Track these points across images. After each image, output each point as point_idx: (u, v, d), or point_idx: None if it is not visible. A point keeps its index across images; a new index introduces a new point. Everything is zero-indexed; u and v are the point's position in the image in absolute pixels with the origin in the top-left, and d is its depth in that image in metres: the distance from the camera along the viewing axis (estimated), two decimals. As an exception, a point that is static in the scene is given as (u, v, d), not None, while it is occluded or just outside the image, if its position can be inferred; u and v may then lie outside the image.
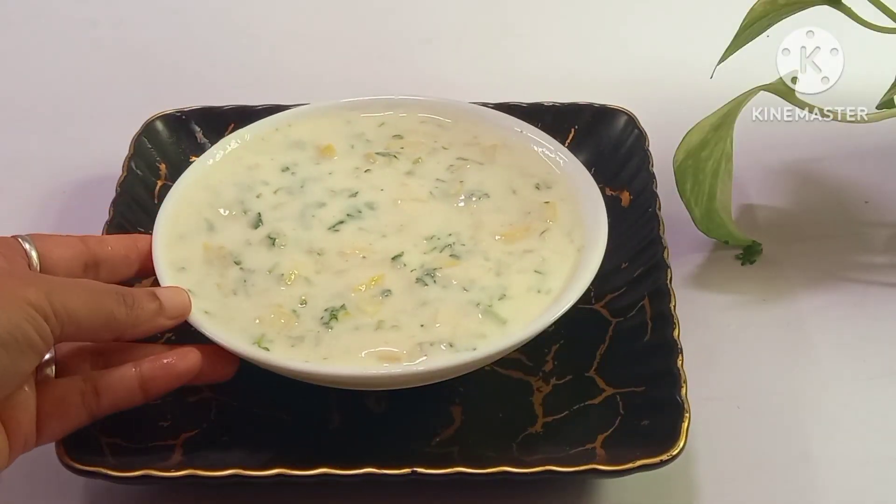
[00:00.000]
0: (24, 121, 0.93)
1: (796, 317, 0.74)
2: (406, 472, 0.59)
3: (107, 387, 0.59)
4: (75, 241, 0.63)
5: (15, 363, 0.54)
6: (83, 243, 0.63)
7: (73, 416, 0.58)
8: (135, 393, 0.59)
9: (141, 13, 1.03)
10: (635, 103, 0.82)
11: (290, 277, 0.66)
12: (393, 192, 0.72)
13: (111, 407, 0.59)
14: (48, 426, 0.58)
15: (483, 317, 0.64)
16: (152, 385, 0.60)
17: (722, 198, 0.75)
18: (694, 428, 0.61)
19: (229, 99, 0.84)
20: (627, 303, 0.69)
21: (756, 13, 0.72)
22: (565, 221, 0.69)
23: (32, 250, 0.60)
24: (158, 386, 0.60)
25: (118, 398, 0.59)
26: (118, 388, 0.59)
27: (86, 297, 0.57)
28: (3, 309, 0.53)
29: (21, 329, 0.53)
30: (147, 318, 0.60)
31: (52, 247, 0.61)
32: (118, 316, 0.58)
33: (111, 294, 0.59)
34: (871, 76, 0.77)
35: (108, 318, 0.58)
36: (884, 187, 0.83)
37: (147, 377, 0.59)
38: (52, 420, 0.58)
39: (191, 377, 0.61)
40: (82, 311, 0.56)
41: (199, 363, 0.60)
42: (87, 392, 0.58)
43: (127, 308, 0.59)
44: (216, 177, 0.72)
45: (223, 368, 0.62)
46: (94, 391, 0.59)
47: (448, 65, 0.97)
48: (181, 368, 0.60)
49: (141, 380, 0.59)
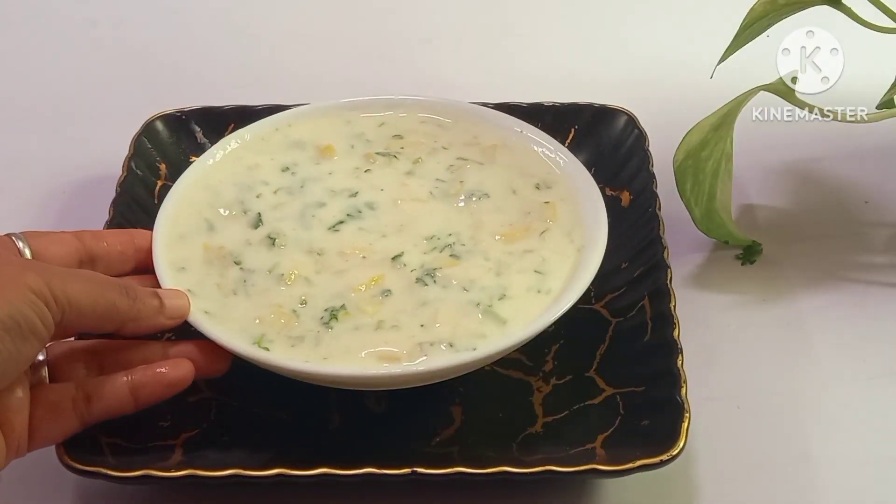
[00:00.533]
0: (24, 121, 0.93)
1: (796, 317, 0.74)
2: (406, 472, 0.59)
3: (98, 394, 0.59)
4: (70, 238, 0.63)
5: (18, 348, 0.53)
6: (78, 239, 0.63)
7: (64, 423, 0.58)
8: (126, 401, 0.59)
9: (141, 13, 1.03)
10: (635, 103, 0.82)
11: (290, 277, 0.66)
12: (393, 192, 0.72)
13: (102, 414, 0.59)
14: (40, 431, 0.58)
15: (483, 317, 0.63)
16: (143, 393, 0.59)
17: (722, 198, 0.75)
18: (694, 428, 0.61)
19: (229, 99, 0.84)
20: (627, 303, 0.69)
21: (756, 13, 0.72)
22: (565, 221, 0.69)
23: (26, 248, 0.60)
24: (150, 394, 0.60)
25: (109, 406, 0.59)
26: (109, 395, 0.59)
27: (87, 286, 0.57)
28: (4, 294, 0.53)
29: (23, 313, 0.53)
30: (148, 314, 0.60)
31: (47, 244, 0.61)
32: (120, 307, 0.58)
33: (114, 285, 0.59)
34: (871, 76, 0.77)
35: (109, 308, 0.58)
36: (884, 187, 0.83)
37: (138, 385, 0.59)
38: (45, 425, 0.58)
39: (183, 387, 0.61)
40: (83, 299, 0.56)
41: (192, 374, 0.60)
42: (78, 399, 0.58)
43: (129, 300, 0.59)
44: (216, 177, 0.72)
45: (216, 364, 0.62)
46: (86, 398, 0.59)
47: (448, 65, 0.97)
48: (172, 378, 0.60)
49: (132, 387, 0.59)
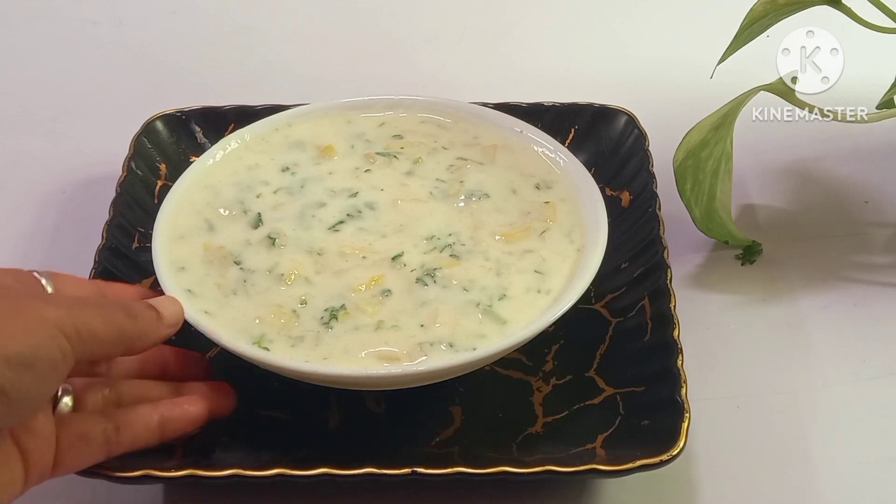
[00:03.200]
0: (24, 120, 0.93)
1: (796, 317, 0.74)
2: (406, 472, 0.59)
3: (128, 425, 0.59)
4: (90, 285, 0.63)
5: (38, 384, 0.53)
6: (97, 287, 0.63)
7: (91, 452, 0.58)
8: (153, 433, 0.59)
9: (141, 13, 1.03)
10: (635, 103, 0.82)
11: (290, 277, 0.66)
12: (393, 192, 0.72)
13: (129, 444, 0.59)
14: (65, 460, 0.57)
15: (483, 317, 0.63)
16: (169, 427, 0.60)
17: (722, 198, 0.75)
18: (694, 428, 0.61)
19: (229, 99, 0.84)
20: (627, 303, 0.69)
21: (756, 13, 0.72)
22: (565, 221, 0.69)
23: (49, 285, 0.60)
24: (174, 429, 0.60)
25: (137, 437, 0.59)
26: (139, 427, 0.59)
27: (100, 313, 0.56)
28: (28, 329, 0.52)
29: (45, 348, 0.53)
30: (149, 328, 0.59)
31: (68, 286, 0.61)
32: (127, 328, 0.58)
33: (118, 307, 0.58)
34: (871, 76, 0.77)
35: (120, 332, 0.57)
36: (884, 187, 0.83)
37: (167, 419, 0.60)
38: (71, 453, 0.57)
39: (201, 424, 0.61)
40: (99, 327, 0.56)
41: (208, 408, 0.61)
42: (108, 429, 0.58)
43: (132, 319, 0.58)
44: (216, 177, 0.72)
45: (225, 401, 0.62)
46: (116, 428, 0.59)
47: (448, 65, 0.97)
48: (194, 414, 0.61)
49: (161, 421, 0.60)
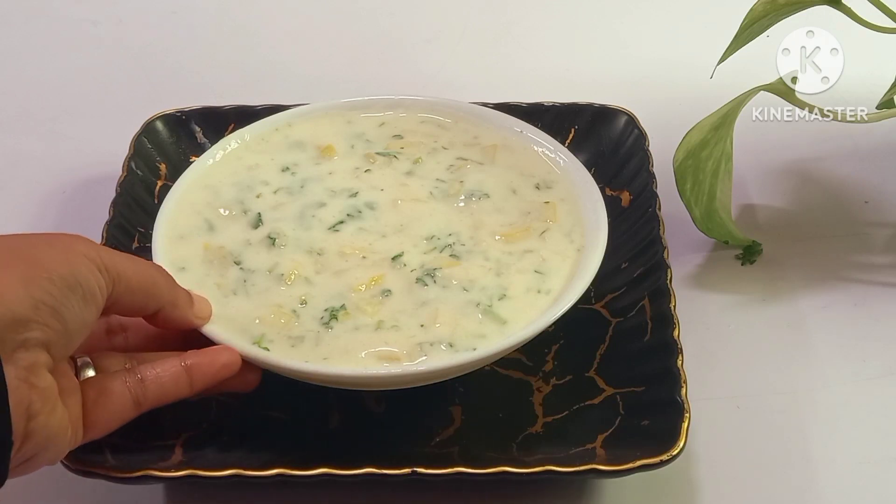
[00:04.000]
0: (24, 120, 0.93)
1: (796, 317, 0.74)
2: (406, 472, 0.59)
3: (153, 376, 0.58)
4: None
5: (83, 309, 0.54)
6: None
7: (120, 407, 0.57)
8: (182, 382, 0.58)
9: (141, 13, 1.04)
10: (635, 103, 0.82)
11: (290, 277, 0.66)
12: (393, 192, 0.71)
13: (158, 396, 0.58)
14: (94, 419, 0.56)
15: (483, 317, 0.63)
16: (198, 374, 0.59)
17: (722, 198, 0.75)
18: (694, 428, 0.61)
19: (229, 99, 0.84)
20: (627, 303, 0.69)
21: (756, 13, 0.72)
22: (565, 221, 0.69)
23: None
24: (203, 375, 0.59)
25: (165, 387, 0.58)
26: (165, 376, 0.58)
27: (131, 262, 0.58)
28: (67, 259, 0.54)
29: (85, 277, 0.54)
30: (183, 303, 0.60)
31: None
32: (161, 285, 0.59)
33: (155, 265, 0.61)
34: (871, 76, 0.77)
35: (153, 285, 0.58)
36: (884, 187, 0.83)
37: (193, 366, 0.59)
38: (97, 411, 0.56)
39: (233, 371, 0.60)
40: (130, 272, 0.57)
41: (239, 358, 0.60)
42: (132, 382, 0.57)
43: (166, 278, 0.60)
44: (216, 177, 0.72)
45: (251, 374, 0.61)
46: (140, 381, 0.58)
47: (448, 65, 0.97)
48: (225, 359, 0.60)
49: (188, 368, 0.59)
